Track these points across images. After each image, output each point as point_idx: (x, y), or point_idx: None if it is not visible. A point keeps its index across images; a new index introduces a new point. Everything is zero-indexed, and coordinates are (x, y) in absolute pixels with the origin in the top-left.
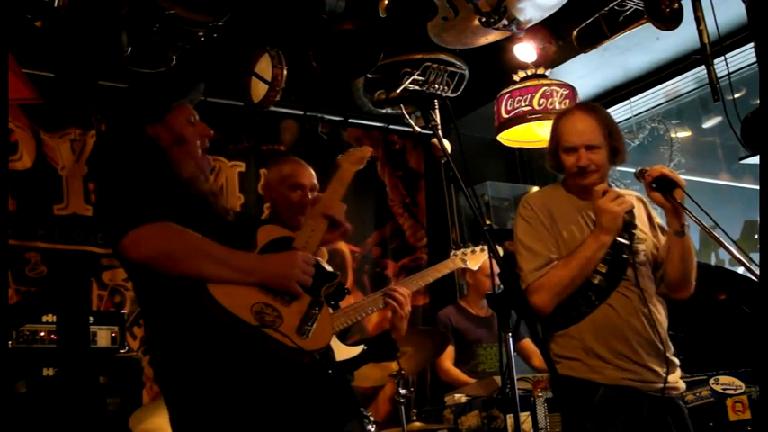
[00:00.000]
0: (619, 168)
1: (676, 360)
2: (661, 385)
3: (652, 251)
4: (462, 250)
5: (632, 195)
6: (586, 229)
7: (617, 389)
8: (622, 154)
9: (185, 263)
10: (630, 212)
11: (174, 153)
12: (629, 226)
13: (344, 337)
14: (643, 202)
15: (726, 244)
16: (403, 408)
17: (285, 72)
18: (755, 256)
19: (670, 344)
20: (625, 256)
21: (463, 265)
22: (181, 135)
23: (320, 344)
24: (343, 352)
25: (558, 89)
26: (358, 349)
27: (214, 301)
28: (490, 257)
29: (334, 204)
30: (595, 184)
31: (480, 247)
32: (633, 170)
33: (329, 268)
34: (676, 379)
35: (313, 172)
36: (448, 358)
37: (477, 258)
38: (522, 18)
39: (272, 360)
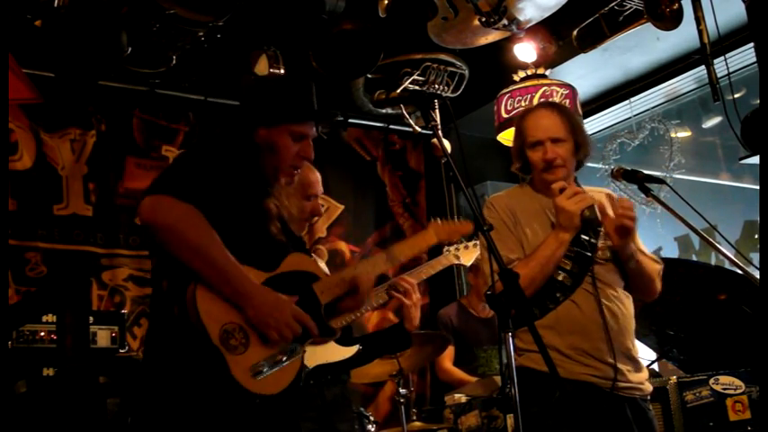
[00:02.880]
0: None
1: (641, 360)
2: (622, 383)
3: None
4: (456, 246)
5: (602, 192)
6: (550, 229)
7: (576, 384)
8: (585, 148)
9: (181, 246)
10: (592, 208)
11: (264, 156)
12: (591, 222)
13: (342, 336)
14: (612, 199)
15: (711, 240)
16: (403, 408)
17: (282, 72)
18: (755, 257)
19: (635, 341)
20: (589, 253)
21: (456, 261)
22: (275, 144)
23: (269, 390)
24: (338, 353)
25: (558, 89)
26: (353, 349)
27: (194, 300)
28: (490, 257)
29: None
30: (563, 179)
31: (474, 242)
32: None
33: (326, 269)
34: (641, 380)
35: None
36: (447, 358)
37: (470, 254)
38: (522, 18)
39: (219, 385)
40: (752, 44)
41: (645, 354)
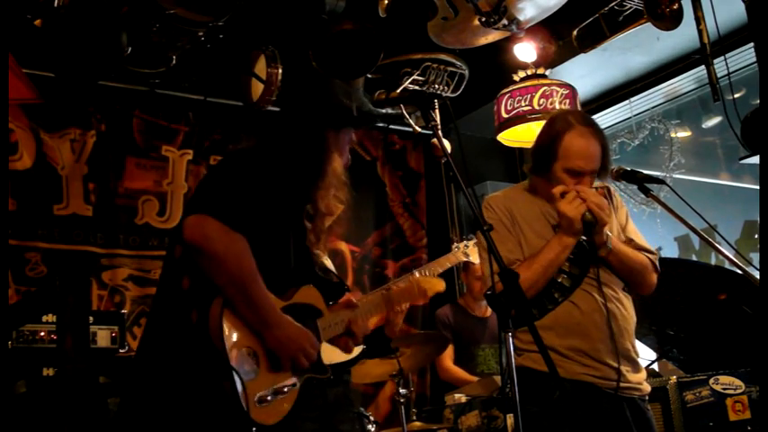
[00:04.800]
0: None
1: (640, 361)
2: (622, 384)
3: None
4: (465, 243)
5: (603, 186)
6: (549, 230)
7: (576, 384)
8: (606, 172)
9: (221, 276)
10: (592, 211)
11: (332, 160)
12: (592, 225)
13: None
14: (608, 197)
15: (711, 240)
16: (403, 408)
17: (280, 71)
18: (755, 257)
19: (635, 342)
20: (589, 254)
21: (465, 258)
22: (340, 148)
23: (268, 420)
24: (341, 353)
25: (558, 89)
26: (357, 350)
27: (220, 318)
28: (489, 258)
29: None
30: None
31: None
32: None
33: (331, 266)
34: (640, 380)
35: None
36: (448, 357)
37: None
38: (522, 18)
39: (227, 407)
40: (752, 44)
41: (645, 354)
